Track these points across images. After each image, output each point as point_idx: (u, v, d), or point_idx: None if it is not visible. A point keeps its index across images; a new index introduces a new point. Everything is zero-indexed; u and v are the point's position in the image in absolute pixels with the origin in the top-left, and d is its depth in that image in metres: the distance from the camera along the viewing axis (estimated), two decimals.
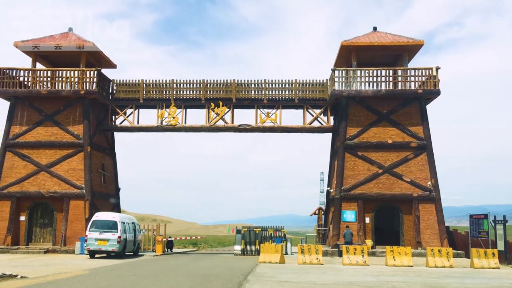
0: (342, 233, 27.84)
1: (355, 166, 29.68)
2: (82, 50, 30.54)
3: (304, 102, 31.91)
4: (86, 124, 30.26)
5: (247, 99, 32.03)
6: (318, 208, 39.07)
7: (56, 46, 30.23)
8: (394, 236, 29.41)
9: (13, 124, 30.53)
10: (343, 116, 30.08)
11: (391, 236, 29.48)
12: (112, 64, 33.82)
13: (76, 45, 30.46)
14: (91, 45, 30.78)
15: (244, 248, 29.95)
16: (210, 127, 32.09)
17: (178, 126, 32.04)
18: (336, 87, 29.93)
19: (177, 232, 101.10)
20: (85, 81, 30.44)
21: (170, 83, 32.34)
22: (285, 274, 16.93)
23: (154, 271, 17.85)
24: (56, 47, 30.24)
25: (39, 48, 30.40)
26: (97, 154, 31.58)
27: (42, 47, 30.39)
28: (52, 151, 30.19)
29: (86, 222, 28.12)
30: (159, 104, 32.08)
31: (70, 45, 30.50)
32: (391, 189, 29.13)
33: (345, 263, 22.13)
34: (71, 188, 29.66)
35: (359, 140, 29.79)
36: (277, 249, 22.98)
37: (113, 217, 25.96)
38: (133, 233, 27.57)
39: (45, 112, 30.62)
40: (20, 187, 29.73)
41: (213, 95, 32.10)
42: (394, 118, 29.91)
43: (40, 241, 29.96)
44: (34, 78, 30.71)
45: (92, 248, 24.83)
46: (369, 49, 30.47)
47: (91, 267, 18.95)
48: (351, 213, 29.16)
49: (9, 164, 30.12)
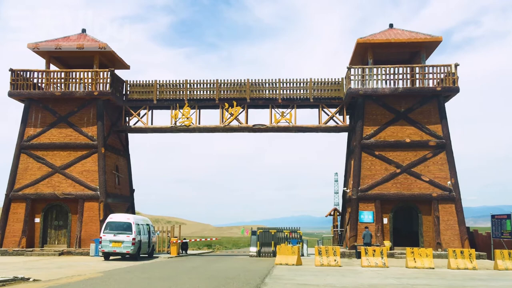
0: (361, 234, 27.26)
1: (372, 165, 29.09)
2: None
3: (319, 101, 31.40)
4: (100, 125, 30.09)
5: (262, 99, 31.61)
6: (334, 209, 38.50)
7: (77, 47, 30.09)
8: (412, 237, 28.75)
9: (28, 126, 30.48)
10: (359, 115, 29.51)
11: (409, 237, 28.82)
12: (125, 65, 33.66)
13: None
14: (105, 46, 30.62)
15: (259, 249, 29.54)
16: (224, 127, 31.73)
17: (192, 127, 31.74)
18: (352, 85, 29.38)
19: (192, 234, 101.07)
20: (99, 82, 30.29)
21: (184, 83, 32.05)
22: (304, 277, 16.47)
23: (169, 273, 17.51)
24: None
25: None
26: (111, 155, 31.41)
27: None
28: (66, 153, 30.08)
29: (101, 223, 27.92)
30: (173, 105, 31.81)
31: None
32: (409, 189, 28.49)
33: (364, 265, 21.58)
34: (85, 189, 29.51)
35: (376, 139, 29.19)
36: (294, 251, 22.52)
37: (127, 218, 25.72)
38: (147, 235, 27.31)
39: (59, 113, 30.52)
40: (35, 189, 29.66)
41: (227, 95, 31.73)
42: (412, 116, 29.26)
43: (55, 243, 29.85)
44: (48, 80, 30.65)
45: (107, 250, 24.60)
46: (386, 46, 29.86)
47: (106, 269, 18.67)
48: (368, 213, 28.57)
49: (23, 166, 30.07)
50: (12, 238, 29.10)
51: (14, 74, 30.47)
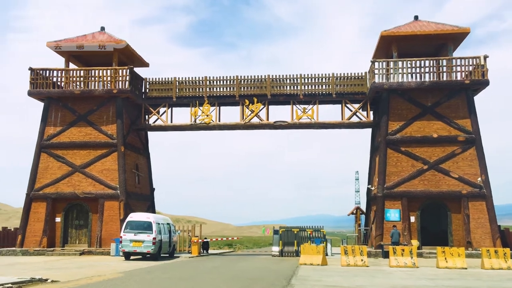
0: (388, 233, 26.36)
1: (398, 162, 28.15)
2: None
3: (342, 96, 30.55)
4: (119, 123, 29.74)
5: (283, 95, 30.89)
6: (356, 208, 37.61)
7: (99, 45, 29.80)
8: (440, 236, 27.71)
9: (47, 125, 30.29)
10: (384, 110, 28.59)
11: (437, 236, 27.80)
12: (144, 62, 33.30)
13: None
14: (124, 43, 30.26)
15: (282, 249, 28.92)
16: (245, 124, 31.10)
17: (212, 124, 31.19)
18: (376, 79, 28.47)
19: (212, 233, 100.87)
20: (118, 80, 29.95)
21: (203, 80, 31.51)
22: (331, 278, 15.73)
23: (190, 274, 16.95)
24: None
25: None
26: (131, 154, 31.05)
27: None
28: (86, 152, 29.80)
29: (121, 223, 27.52)
30: (192, 102, 31.30)
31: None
32: (437, 186, 27.47)
33: (392, 265, 20.71)
34: (105, 188, 29.19)
35: (401, 135, 28.24)
36: (319, 250, 21.77)
37: (147, 217, 25.28)
38: (168, 234, 26.84)
39: (79, 112, 30.27)
40: (55, 188, 29.45)
41: (247, 91, 31.09)
42: (439, 111, 28.22)
43: (75, 243, 29.60)
44: (67, 78, 30.42)
45: (127, 249, 24.19)
46: (411, 39, 28.88)
47: (126, 269, 18.19)
48: (395, 211, 27.64)
49: (44, 165, 29.89)
50: (33, 238, 28.94)
51: (33, 73, 30.30)
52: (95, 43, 30.12)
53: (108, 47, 30.13)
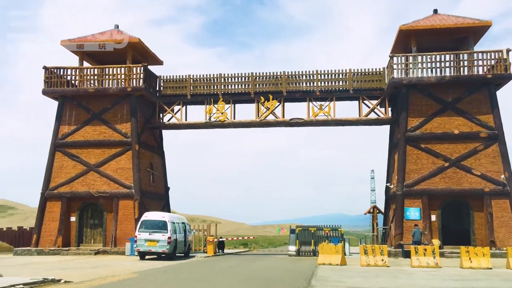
0: (408, 232, 25.65)
1: (418, 159, 27.42)
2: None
3: (360, 92, 29.88)
4: (134, 121, 29.45)
5: (299, 91, 30.33)
6: (373, 207, 36.89)
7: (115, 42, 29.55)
8: (462, 235, 26.90)
9: (62, 124, 30.13)
10: (403, 106, 27.87)
11: (459, 235, 27.00)
12: (158, 60, 32.98)
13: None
14: (137, 40, 29.96)
15: (298, 248, 28.37)
16: (260, 122, 30.61)
17: (227, 122, 30.75)
18: (395, 74, 27.76)
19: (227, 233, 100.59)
20: (132, 78, 29.67)
21: (218, 77, 31.08)
22: (352, 278, 15.17)
23: (206, 274, 16.51)
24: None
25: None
26: (145, 152, 30.76)
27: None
28: (101, 150, 29.56)
29: (136, 222, 27.19)
30: (207, 100, 30.89)
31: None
32: (459, 184, 26.69)
33: (414, 265, 20.05)
34: (120, 187, 28.92)
35: (421, 132, 27.50)
36: (338, 250, 21.19)
37: (162, 217, 24.94)
38: (183, 234, 26.47)
39: (93, 110, 30.06)
40: (70, 187, 29.27)
41: (262, 88, 30.58)
42: (460, 106, 27.42)
43: (90, 242, 29.39)
44: (81, 77, 30.22)
45: (142, 249, 23.87)
46: (430, 33, 28.11)
47: (141, 269, 17.83)
48: (415, 210, 26.93)
49: (58, 164, 29.73)
50: (48, 237, 28.79)
51: (47, 71, 30.15)
52: (110, 41, 29.87)
53: (122, 44, 29.86)
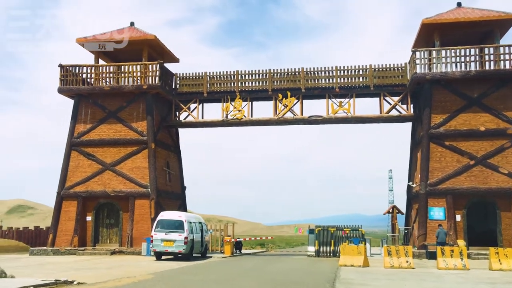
0: (432, 232, 24.74)
1: (442, 157, 26.49)
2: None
3: (381, 89, 29.04)
4: (150, 119, 29.00)
5: (317, 88, 29.59)
6: (392, 207, 35.96)
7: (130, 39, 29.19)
8: (488, 236, 25.90)
9: (78, 123, 29.81)
10: (427, 102, 26.95)
11: (484, 236, 26.00)
12: (174, 58, 32.51)
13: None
14: (153, 37, 29.51)
15: (318, 249, 27.71)
16: (278, 119, 29.93)
17: (244, 120, 30.14)
18: (417, 70, 26.85)
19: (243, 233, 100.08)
20: (148, 75, 29.23)
21: (235, 74, 30.49)
22: (377, 281, 14.41)
23: (224, 275, 15.90)
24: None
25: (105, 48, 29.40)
26: (161, 151, 30.29)
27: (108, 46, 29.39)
28: (116, 149, 29.18)
29: (152, 222, 26.72)
30: (224, 97, 30.31)
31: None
32: (485, 183, 25.69)
33: (440, 267, 19.19)
34: (136, 187, 28.50)
35: (445, 129, 26.56)
36: (360, 251, 20.41)
37: (179, 216, 24.41)
38: (200, 233, 25.92)
39: (109, 109, 29.69)
40: (86, 187, 28.93)
41: (280, 85, 29.91)
42: (486, 102, 26.41)
43: (106, 242, 29.02)
44: (97, 75, 29.87)
45: (158, 249, 23.37)
46: (455, 26, 27.14)
47: (157, 270, 17.29)
48: (439, 210, 26.00)
49: (74, 164, 29.41)
50: (64, 237, 28.49)
51: (63, 69, 29.86)
52: (125, 38, 29.47)
53: (123, 44, 29.40)
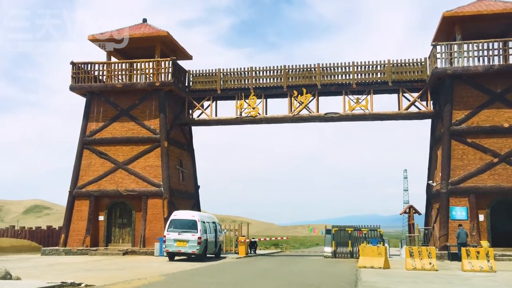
0: (455, 233, 23.80)
1: (464, 155, 25.53)
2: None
3: (399, 84, 28.15)
4: (162, 117, 28.45)
5: (334, 84, 28.79)
6: (409, 206, 35.02)
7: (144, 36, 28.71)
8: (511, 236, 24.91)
9: (90, 121, 29.38)
10: (448, 98, 26.00)
11: (509, 236, 24.98)
12: (188, 55, 31.92)
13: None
14: (166, 34, 28.95)
15: (335, 250, 26.96)
16: (293, 117, 29.20)
17: (258, 117, 29.44)
18: (438, 64, 25.92)
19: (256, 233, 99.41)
20: (160, 72, 28.68)
21: (249, 71, 29.81)
22: (402, 285, 13.59)
23: (240, 278, 15.22)
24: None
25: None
26: (174, 149, 29.73)
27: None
28: (129, 148, 28.68)
29: (165, 221, 26.12)
30: (238, 94, 29.65)
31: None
32: (509, 181, 24.68)
33: (466, 269, 18.31)
34: (148, 186, 27.97)
35: (467, 125, 25.59)
36: (380, 252, 19.59)
37: (192, 216, 23.80)
38: (214, 234, 25.29)
39: (121, 107, 29.21)
40: (98, 186, 28.48)
41: (295, 81, 29.16)
42: (510, 97, 25.41)
43: (119, 242, 28.52)
44: (109, 72, 29.40)
45: (171, 249, 22.78)
46: (476, 19, 26.17)
47: (169, 271, 16.66)
48: (461, 209, 25.04)
49: (86, 162, 28.98)
50: (76, 237, 28.06)
51: (75, 67, 29.46)
52: (137, 35, 28.98)
53: (150, 38, 28.99)
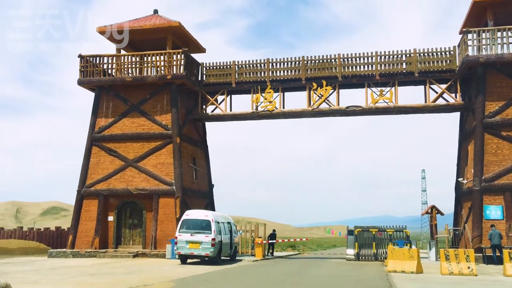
0: (487, 234, 21.92)
1: (498, 149, 23.60)
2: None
3: (426, 75, 26.28)
4: (174, 112, 26.99)
5: (355, 76, 27.04)
6: (431, 207, 33.02)
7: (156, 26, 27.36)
8: None
9: (99, 117, 28.02)
10: (480, 89, 24.10)
11: None
12: (201, 48, 30.44)
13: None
14: (177, 24, 27.50)
15: (358, 252, 25.24)
16: (313, 111, 27.50)
17: (275, 112, 27.81)
18: (470, 52, 24.04)
19: None
20: (172, 65, 27.22)
21: (265, 63, 28.21)
22: None
23: (258, 284, 13.60)
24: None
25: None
26: (187, 146, 28.25)
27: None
28: (139, 144, 27.26)
29: (177, 222, 24.63)
30: (254, 88, 28.05)
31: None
32: None
33: (508, 273, 16.48)
34: (160, 184, 26.51)
35: (502, 118, 23.66)
36: (412, 255, 17.82)
37: (205, 215, 22.23)
38: (229, 235, 23.68)
39: (131, 101, 27.81)
40: (108, 184, 27.09)
41: (314, 73, 27.47)
42: None
43: (129, 244, 27.09)
44: (118, 65, 28.03)
45: (183, 252, 21.23)
46: (509, 3, 24.24)
47: (179, 276, 15.11)
48: (496, 208, 23.12)
49: (95, 160, 27.63)
50: (85, 238, 26.71)
51: (83, 60, 28.15)
52: (148, 26, 27.60)
53: (162, 30, 27.59)
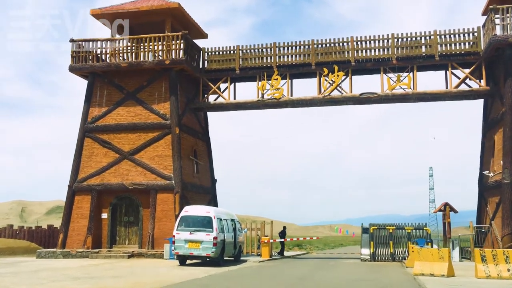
0: None
1: None
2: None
3: (448, 58, 24.10)
4: (173, 100, 24.88)
5: (370, 60, 24.88)
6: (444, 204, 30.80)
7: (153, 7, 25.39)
8: None
9: (92, 106, 25.95)
10: (508, 71, 21.88)
11: None
12: (202, 32, 28.32)
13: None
14: (176, 6, 25.37)
15: (373, 251, 23.19)
16: (323, 98, 25.34)
17: (283, 100, 25.66)
18: (497, 31, 21.81)
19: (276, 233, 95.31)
20: (170, 49, 25.10)
21: (272, 47, 26.05)
22: None
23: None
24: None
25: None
26: (187, 137, 26.13)
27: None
28: (136, 135, 25.17)
29: (177, 219, 22.51)
30: (259, 74, 25.91)
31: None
32: None
33: None
34: (158, 178, 24.41)
35: None
36: (442, 256, 15.62)
37: (206, 212, 20.10)
38: (232, 233, 21.55)
39: (127, 89, 25.72)
40: (101, 179, 25.02)
41: (325, 58, 25.31)
42: None
43: (125, 243, 25.00)
44: (112, 50, 25.92)
45: (181, 252, 19.12)
46: None
47: (174, 281, 12.98)
48: None
49: (88, 152, 25.56)
50: (77, 237, 24.64)
51: (75, 45, 26.05)
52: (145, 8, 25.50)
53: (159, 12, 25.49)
